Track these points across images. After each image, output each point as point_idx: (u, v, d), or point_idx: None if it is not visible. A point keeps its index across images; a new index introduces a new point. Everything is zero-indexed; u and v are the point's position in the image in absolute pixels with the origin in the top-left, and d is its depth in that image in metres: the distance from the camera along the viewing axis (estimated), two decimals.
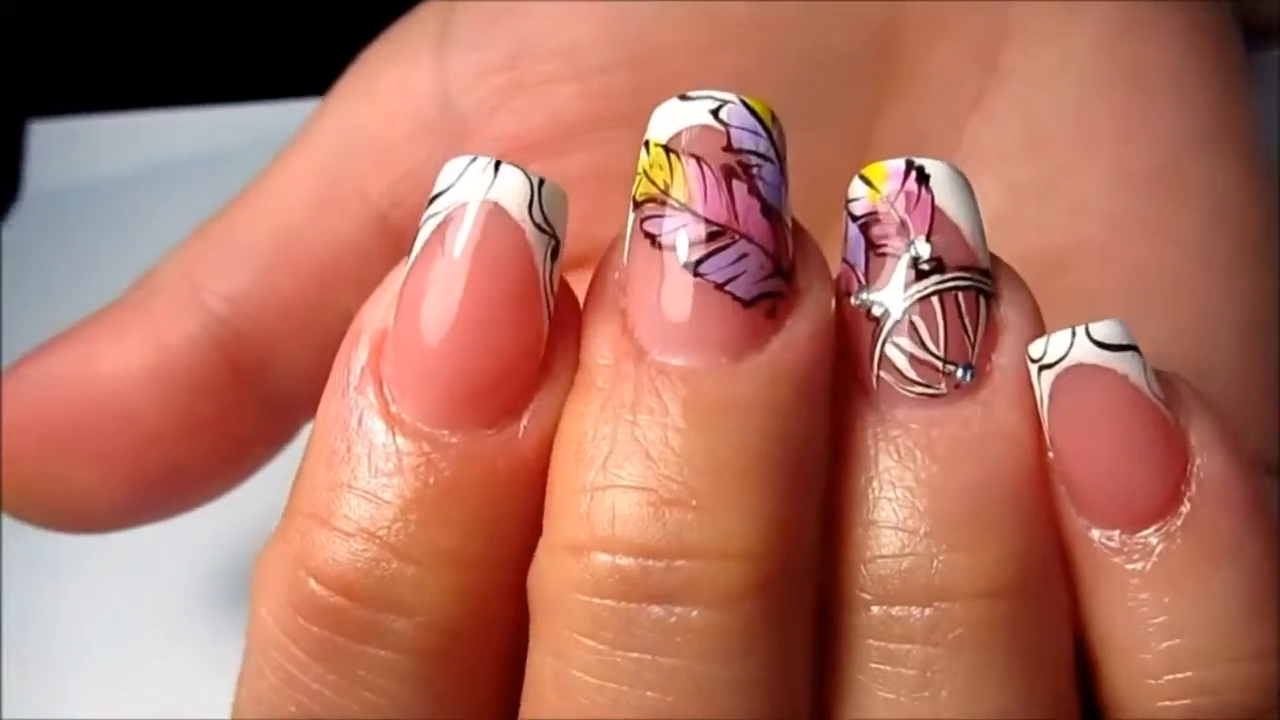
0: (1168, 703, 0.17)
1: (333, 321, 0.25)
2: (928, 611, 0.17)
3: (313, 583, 0.17)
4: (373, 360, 0.17)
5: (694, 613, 0.16)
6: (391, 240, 0.25)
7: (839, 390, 0.18)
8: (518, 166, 0.17)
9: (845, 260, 0.18)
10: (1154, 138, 0.24)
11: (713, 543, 0.16)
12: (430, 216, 0.17)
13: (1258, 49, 0.33)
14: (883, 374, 0.17)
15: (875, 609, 0.17)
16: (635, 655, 0.16)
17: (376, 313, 0.18)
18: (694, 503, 0.16)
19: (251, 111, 0.42)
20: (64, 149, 0.44)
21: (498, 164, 0.17)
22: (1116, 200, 0.24)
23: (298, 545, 0.17)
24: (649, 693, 0.16)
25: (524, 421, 0.17)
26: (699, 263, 0.16)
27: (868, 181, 0.18)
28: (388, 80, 0.25)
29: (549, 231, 0.17)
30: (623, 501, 0.16)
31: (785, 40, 0.25)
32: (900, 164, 0.18)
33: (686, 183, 0.17)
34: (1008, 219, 0.25)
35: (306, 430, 0.26)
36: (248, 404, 0.25)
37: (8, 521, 0.26)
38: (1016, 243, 0.25)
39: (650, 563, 0.16)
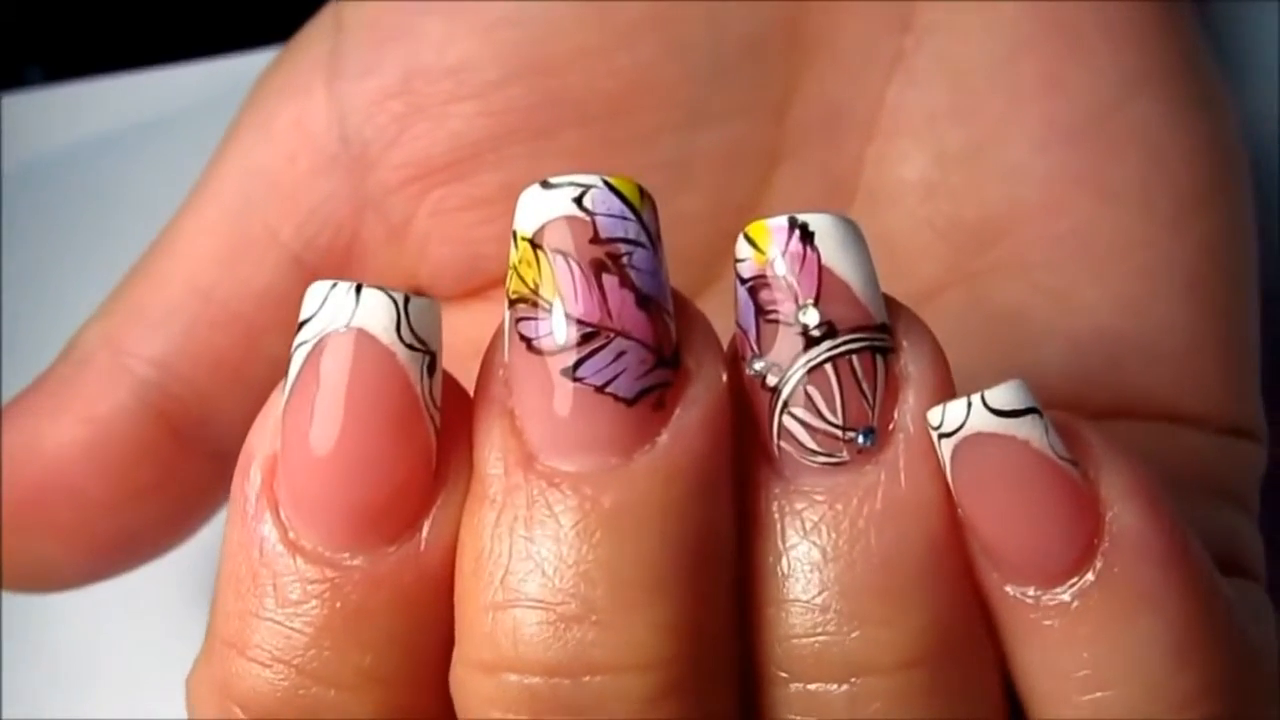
0: None
1: (264, 369, 0.25)
2: (844, 687, 0.17)
3: (238, 711, 0.17)
4: (266, 486, 0.17)
5: None
6: (309, 280, 0.25)
7: (745, 456, 0.17)
8: (379, 288, 0.16)
9: (738, 324, 0.17)
10: (1084, 86, 0.23)
11: (615, 658, 0.16)
12: (300, 345, 0.17)
13: None
14: (783, 444, 0.17)
15: (793, 686, 0.17)
16: None
17: (264, 437, 0.17)
18: (594, 618, 0.16)
19: (221, 66, 0.41)
20: (36, 121, 0.43)
21: (359, 288, 0.16)
22: (1048, 158, 0.23)
23: (220, 672, 0.17)
24: None
25: (424, 533, 0.17)
26: (576, 366, 0.16)
27: (752, 242, 0.17)
28: (283, 117, 0.24)
29: (421, 348, 0.16)
30: (523, 620, 0.16)
31: (683, 35, 0.24)
32: (783, 221, 0.17)
33: (555, 281, 0.16)
34: (938, 186, 0.24)
35: None
36: (190, 462, 0.25)
37: None
38: (949, 211, 0.24)
39: (557, 681, 0.16)
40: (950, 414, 0.16)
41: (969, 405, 0.16)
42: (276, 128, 0.24)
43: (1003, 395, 0.16)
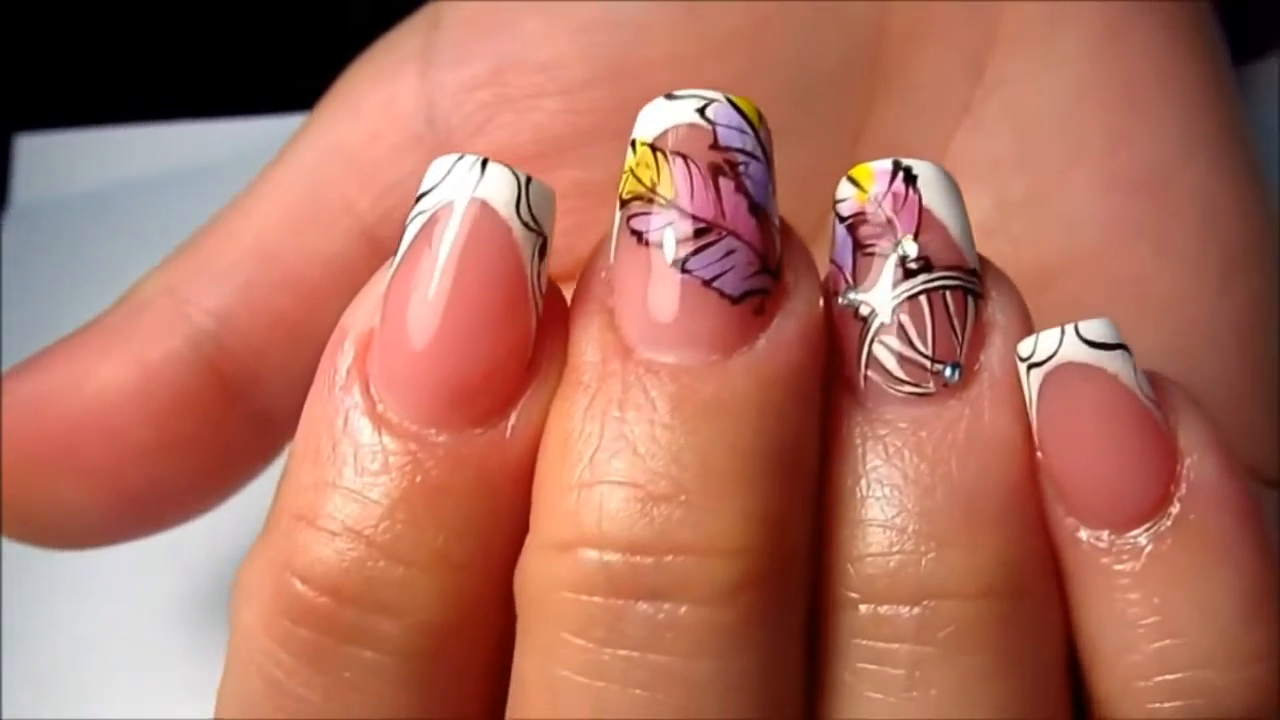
0: (1158, 704, 0.17)
1: (321, 337, 0.25)
2: (916, 610, 0.17)
3: (298, 584, 0.17)
4: (358, 361, 0.17)
5: (683, 609, 0.16)
6: (380, 255, 0.25)
7: (830, 388, 0.18)
8: (505, 165, 0.17)
9: (833, 261, 0.18)
10: (1144, 145, 0.24)
11: (701, 539, 0.16)
12: (416, 215, 0.17)
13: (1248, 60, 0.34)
14: (870, 373, 0.17)
15: (863, 608, 0.17)
16: (624, 653, 0.16)
17: (362, 313, 0.18)
18: (682, 498, 0.16)
19: (238, 126, 0.42)
20: (51, 162, 0.44)
21: (484, 162, 0.17)
22: (1107, 210, 0.24)
23: (283, 547, 0.17)
24: (638, 691, 0.16)
25: (511, 421, 0.17)
26: (686, 259, 0.16)
27: (855, 182, 0.18)
28: (373, 97, 0.25)
29: (536, 230, 0.17)
30: (610, 497, 0.16)
31: (773, 51, 0.25)
32: (888, 164, 0.18)
33: (673, 180, 0.17)
34: (998, 230, 0.25)
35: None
36: (234, 420, 0.25)
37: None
38: (1007, 254, 0.25)
39: (638, 559, 0.16)
40: (1043, 343, 0.17)
41: (1062, 334, 0.17)
42: (364, 108, 0.25)
43: (1096, 328, 0.17)
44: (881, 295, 0.17)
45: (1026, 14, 0.25)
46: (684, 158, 0.17)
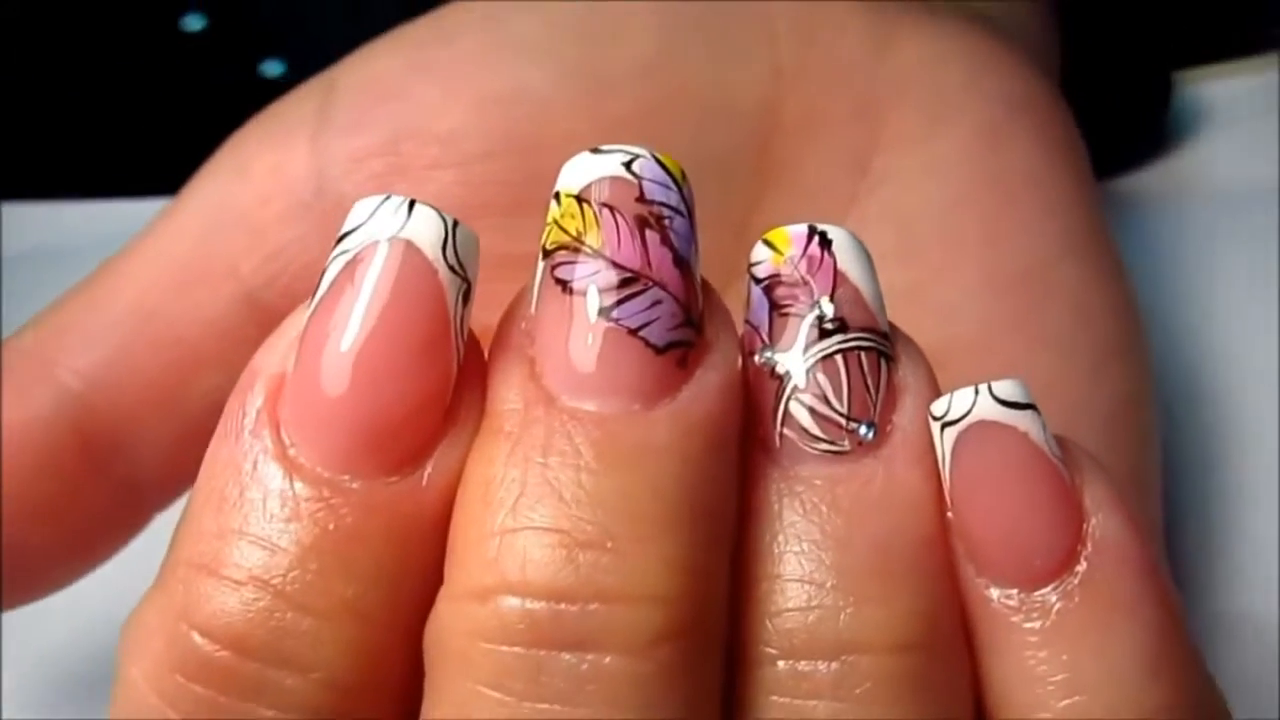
0: None
1: (195, 404, 0.24)
2: (834, 665, 0.17)
3: (196, 637, 0.16)
4: (269, 404, 0.17)
5: (607, 659, 0.16)
6: (261, 321, 0.25)
7: (741, 448, 0.18)
8: (432, 207, 0.17)
9: (748, 322, 0.18)
10: (1019, 243, 0.26)
11: (626, 586, 0.16)
12: (338, 255, 0.17)
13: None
14: (786, 431, 0.17)
15: (781, 664, 0.17)
16: (544, 706, 0.16)
17: (274, 356, 0.17)
18: (608, 544, 0.16)
19: (83, 209, 0.41)
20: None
21: (412, 203, 0.17)
22: (985, 302, 0.25)
23: (180, 597, 0.16)
24: None
25: (428, 469, 0.17)
26: (612, 308, 0.16)
27: (771, 245, 0.18)
28: (263, 160, 0.25)
29: (461, 274, 0.17)
30: (535, 544, 0.16)
31: (666, 137, 0.25)
32: (803, 229, 0.18)
33: (600, 230, 0.17)
34: None
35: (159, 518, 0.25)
36: (98, 487, 0.24)
37: None
38: None
39: (563, 607, 0.16)
40: (957, 402, 0.17)
41: (976, 393, 0.17)
42: (253, 171, 0.25)
43: (1008, 388, 0.17)
44: (797, 354, 0.18)
45: (910, 115, 0.26)
46: (610, 209, 0.17)
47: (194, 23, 0.44)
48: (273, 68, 0.44)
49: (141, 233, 0.25)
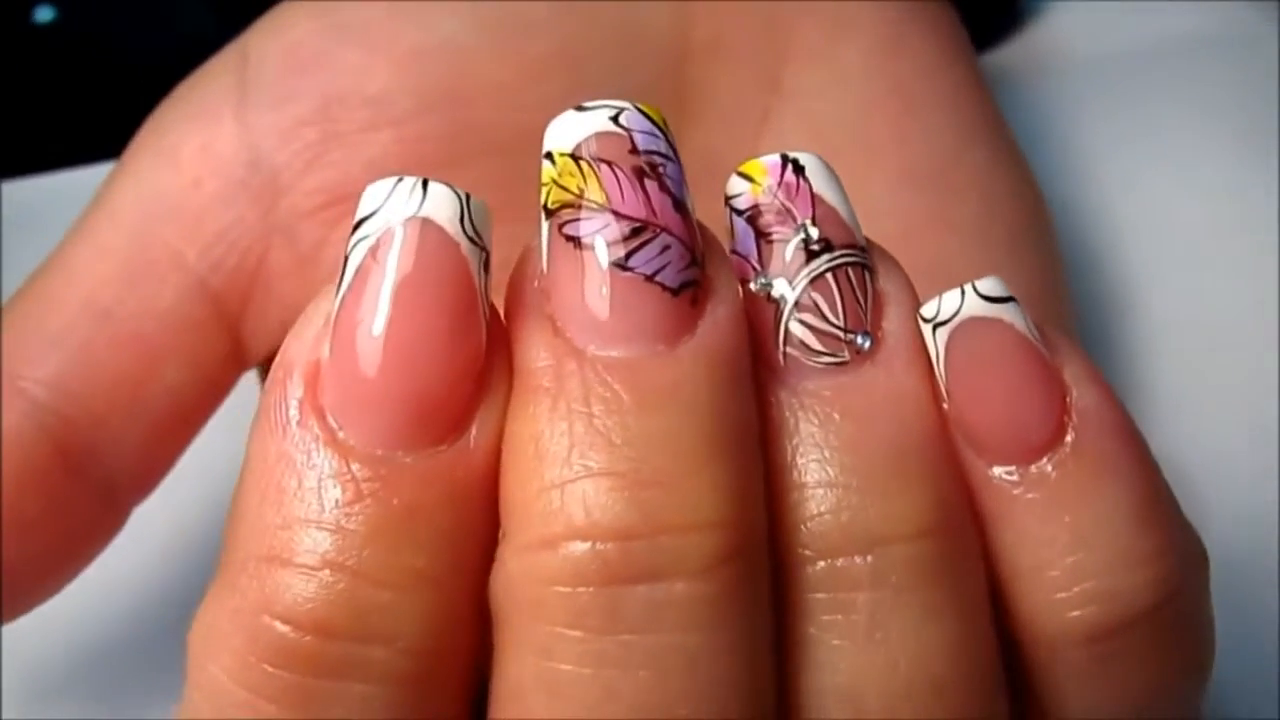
0: (1078, 611, 0.19)
1: (159, 398, 0.24)
2: (869, 558, 0.18)
3: (279, 625, 0.17)
4: (310, 393, 0.17)
5: (677, 585, 0.17)
6: (214, 307, 0.25)
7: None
8: (445, 183, 0.17)
9: (735, 252, 0.19)
10: (927, 140, 0.27)
11: (686, 516, 0.17)
12: (359, 241, 0.17)
13: None
14: (789, 349, 0.19)
15: (820, 564, 0.18)
16: (625, 638, 0.17)
17: (304, 345, 0.17)
18: (662, 480, 0.17)
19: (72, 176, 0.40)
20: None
21: (425, 182, 0.17)
22: (903, 199, 0.27)
23: (255, 592, 0.17)
24: (642, 672, 0.17)
25: (472, 433, 0.17)
26: (626, 258, 0.17)
27: (746, 177, 0.19)
28: (189, 143, 0.25)
29: (480, 244, 0.17)
30: (594, 489, 0.17)
31: (588, 75, 0.26)
32: (776, 159, 0.19)
33: (602, 185, 0.17)
34: None
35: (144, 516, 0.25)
36: (79, 493, 0.24)
37: None
38: None
39: (632, 544, 0.17)
40: (945, 303, 0.19)
41: (963, 293, 0.19)
42: (182, 154, 0.25)
43: (990, 285, 0.19)
44: (790, 277, 0.19)
45: (814, 28, 0.27)
46: (608, 163, 0.18)
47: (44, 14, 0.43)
48: (44, 13, 0.43)
49: (77, 226, 0.25)
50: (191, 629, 0.17)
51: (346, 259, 0.17)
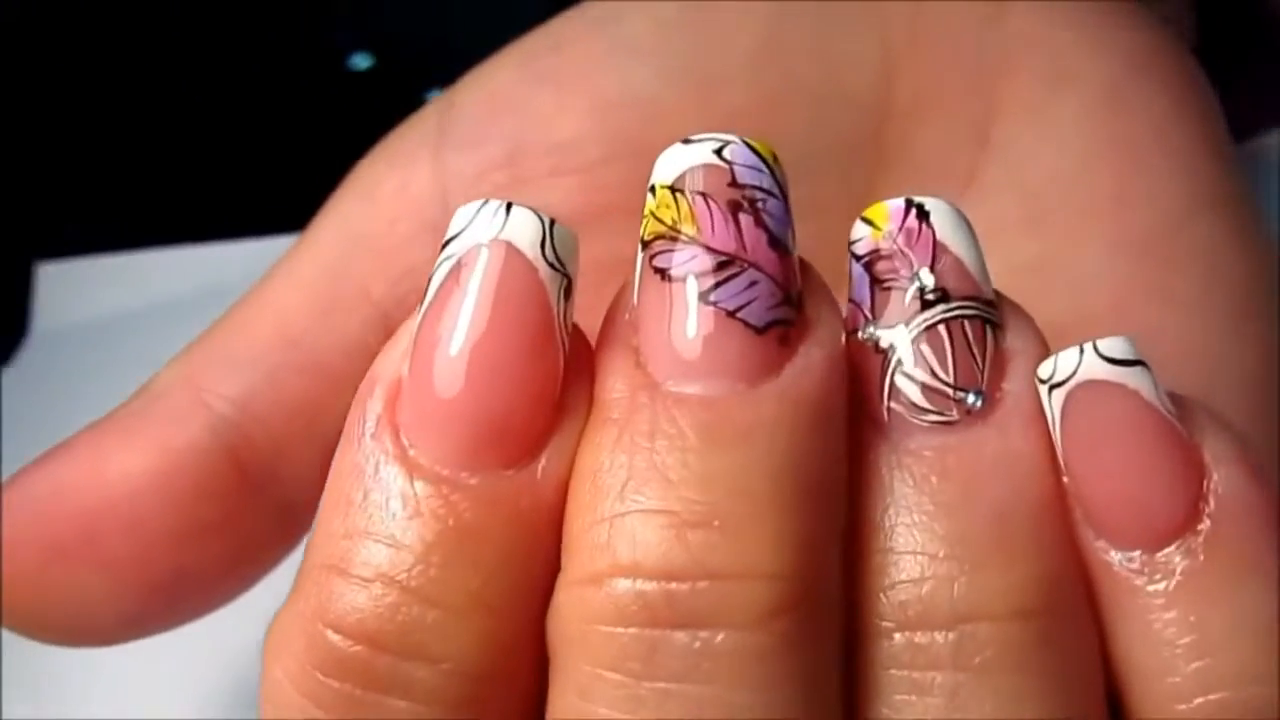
0: None
1: (337, 425, 0.25)
2: (951, 635, 0.17)
3: (331, 634, 0.17)
4: (388, 408, 0.17)
5: (720, 636, 0.16)
6: None
7: (851, 425, 0.18)
8: (529, 207, 0.17)
9: (851, 300, 0.18)
10: (1148, 205, 0.25)
11: (737, 564, 0.16)
12: (443, 261, 0.17)
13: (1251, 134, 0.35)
14: (894, 404, 0.17)
15: (898, 636, 0.17)
16: (661, 685, 0.16)
17: (391, 362, 0.18)
18: (716, 523, 0.16)
19: (256, 246, 0.43)
20: (71, 290, 0.45)
21: (509, 205, 0.17)
22: (1117, 269, 0.25)
23: (314, 598, 0.17)
24: None
25: (542, 461, 0.17)
26: (709, 291, 0.17)
27: (869, 222, 0.18)
28: (388, 184, 0.26)
29: (561, 270, 0.17)
30: (643, 526, 0.16)
31: (780, 129, 0.25)
32: (900, 203, 0.18)
33: (694, 217, 0.17)
34: (1007, 294, 0.25)
35: None
36: (256, 508, 0.25)
37: None
38: None
39: (674, 586, 0.16)
40: (1062, 363, 0.17)
41: (1081, 352, 0.17)
42: (380, 194, 0.26)
43: (1114, 345, 0.17)
44: (900, 327, 0.18)
45: (1027, 82, 0.26)
46: (704, 196, 0.17)
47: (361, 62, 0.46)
48: (360, 60, 0.45)
49: (280, 261, 0.26)
50: (268, 630, 0.18)
51: (430, 279, 0.17)
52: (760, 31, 0.26)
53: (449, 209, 0.25)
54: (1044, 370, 0.17)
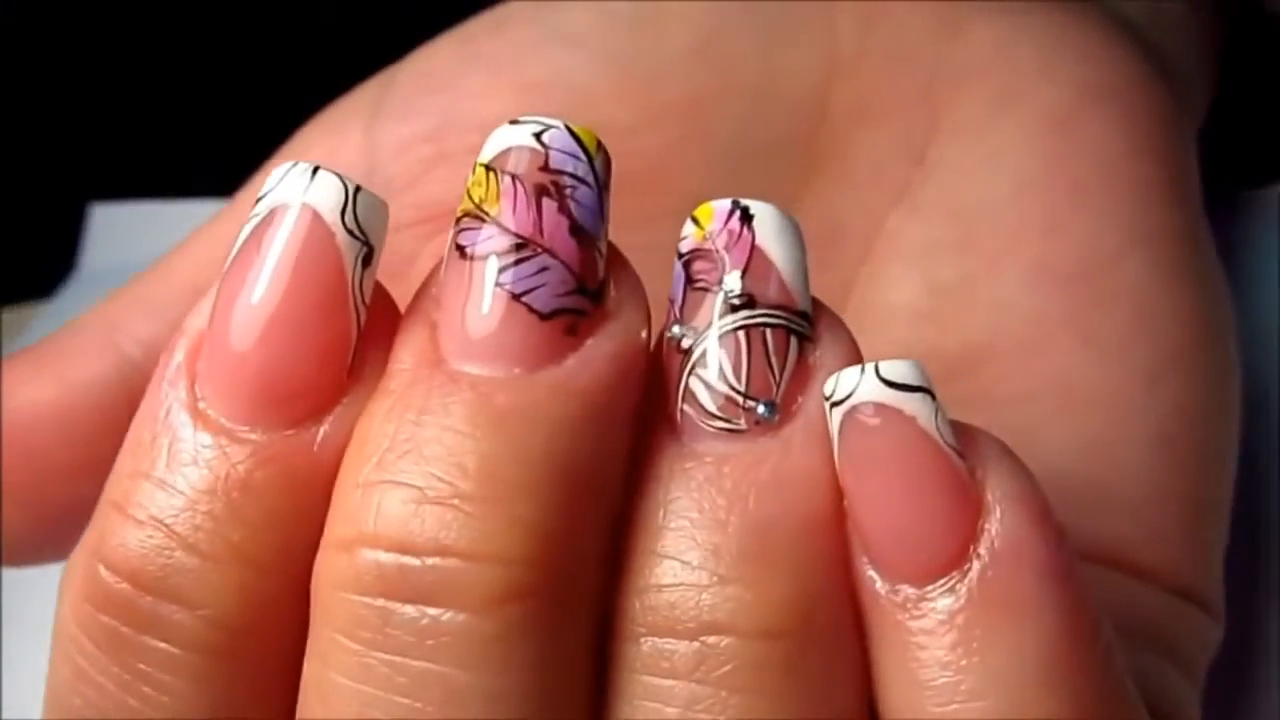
0: None
1: None
2: (694, 646, 0.16)
3: (103, 570, 0.17)
4: (189, 358, 0.18)
5: (446, 615, 0.16)
6: None
7: (650, 421, 0.18)
8: (335, 172, 0.17)
9: (670, 298, 0.18)
10: (1080, 238, 0.24)
11: (471, 545, 0.16)
12: (252, 218, 0.18)
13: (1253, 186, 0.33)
14: (686, 407, 0.17)
15: (644, 642, 0.16)
16: (388, 657, 0.16)
17: (200, 314, 0.18)
18: (456, 502, 0.16)
19: None
20: (122, 231, 0.46)
21: (316, 169, 0.17)
22: (1038, 297, 0.24)
23: (95, 535, 0.17)
24: (400, 698, 0.16)
25: (325, 426, 0.17)
26: (499, 273, 0.17)
27: (696, 221, 0.18)
28: (317, 150, 0.26)
29: (361, 238, 0.17)
30: (389, 497, 0.16)
31: (711, 124, 0.25)
32: (727, 203, 0.18)
33: (499, 198, 0.17)
34: (924, 314, 0.25)
35: None
36: None
37: None
38: (931, 338, 0.25)
39: (406, 560, 0.16)
40: (843, 381, 0.17)
41: (862, 372, 0.16)
42: (308, 157, 0.26)
43: (898, 368, 0.16)
44: (705, 330, 0.17)
45: (973, 100, 0.25)
46: (514, 177, 0.17)
47: None
48: None
49: (216, 215, 0.27)
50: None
51: (238, 236, 0.18)
52: (703, 29, 0.25)
53: (372, 175, 0.26)
54: (827, 387, 0.17)
